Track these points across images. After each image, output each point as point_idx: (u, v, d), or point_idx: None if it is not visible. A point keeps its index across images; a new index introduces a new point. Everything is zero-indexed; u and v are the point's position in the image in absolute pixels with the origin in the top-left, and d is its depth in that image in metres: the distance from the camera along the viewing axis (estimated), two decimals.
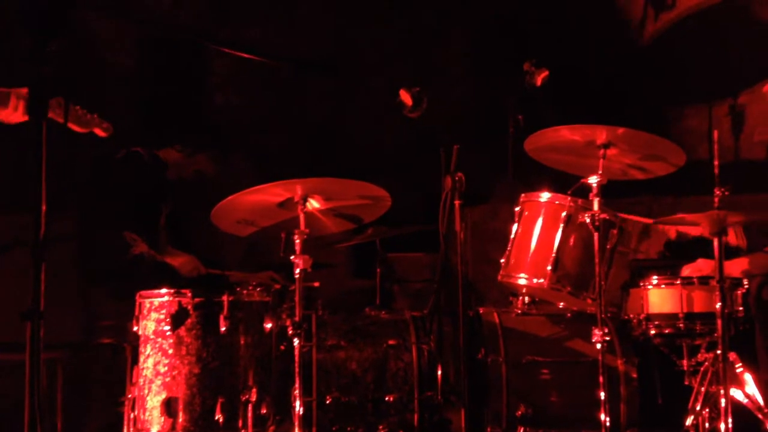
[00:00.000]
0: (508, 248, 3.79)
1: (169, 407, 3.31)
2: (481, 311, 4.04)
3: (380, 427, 3.78)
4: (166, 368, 3.36)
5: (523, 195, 3.83)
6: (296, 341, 3.34)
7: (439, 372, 3.87)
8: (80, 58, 5.02)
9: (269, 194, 3.45)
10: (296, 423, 3.30)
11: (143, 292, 3.48)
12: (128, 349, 3.64)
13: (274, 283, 4.07)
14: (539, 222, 3.72)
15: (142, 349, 3.44)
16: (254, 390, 3.37)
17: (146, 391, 3.39)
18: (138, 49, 5.56)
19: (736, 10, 5.99)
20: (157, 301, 3.42)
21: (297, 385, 3.32)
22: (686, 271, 3.73)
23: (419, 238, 4.65)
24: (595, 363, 3.39)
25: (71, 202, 4.48)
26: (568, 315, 3.97)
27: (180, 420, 3.32)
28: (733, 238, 3.83)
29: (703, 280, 3.56)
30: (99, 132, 3.50)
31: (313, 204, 3.49)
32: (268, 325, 3.51)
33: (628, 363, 3.80)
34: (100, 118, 3.48)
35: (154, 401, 3.36)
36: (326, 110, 6.11)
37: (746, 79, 3.99)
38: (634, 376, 3.80)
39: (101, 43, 5.39)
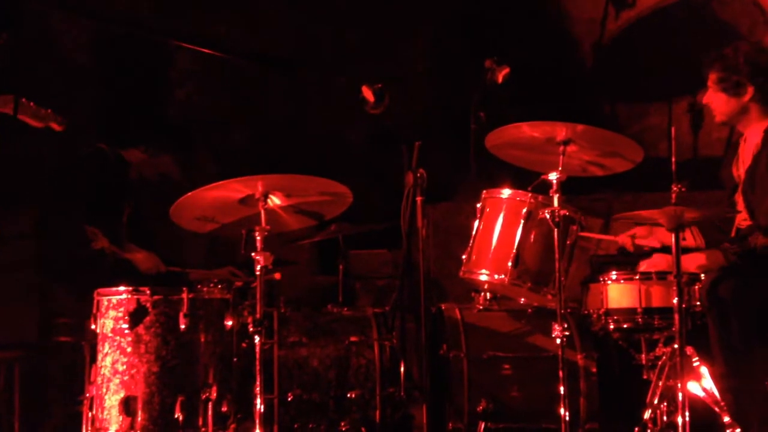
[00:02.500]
0: (470, 244, 3.81)
1: (127, 406, 3.28)
2: (443, 307, 4.06)
3: (342, 423, 3.78)
4: (124, 366, 3.33)
5: (484, 191, 3.84)
6: (257, 338, 3.33)
7: (402, 368, 3.88)
8: (40, 55, 4.96)
9: (230, 190, 3.43)
10: (257, 421, 3.28)
11: (101, 290, 3.44)
12: (86, 347, 3.61)
13: (235, 279, 4.05)
14: (500, 218, 3.73)
15: (100, 347, 3.41)
16: (214, 388, 3.35)
17: (104, 390, 3.36)
18: (98, 45, 5.49)
19: (694, 9, 6.07)
20: (115, 298, 3.39)
21: (258, 383, 3.30)
22: (643, 266, 3.77)
23: (382, 235, 4.66)
24: (555, 358, 3.41)
25: (30, 200, 4.43)
26: (529, 311, 4.00)
27: (139, 419, 3.29)
28: (691, 239, 3.87)
29: (661, 276, 3.59)
30: (55, 126, 3.54)
31: (274, 200, 3.48)
32: (229, 323, 3.49)
33: (588, 358, 3.84)
34: (54, 113, 3.50)
35: (112, 400, 3.33)
36: (288, 107, 6.09)
37: (705, 77, 4.03)
38: (594, 370, 3.84)
39: (61, 39, 5.32)
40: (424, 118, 5.74)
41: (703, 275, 3.59)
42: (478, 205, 3.83)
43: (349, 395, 3.82)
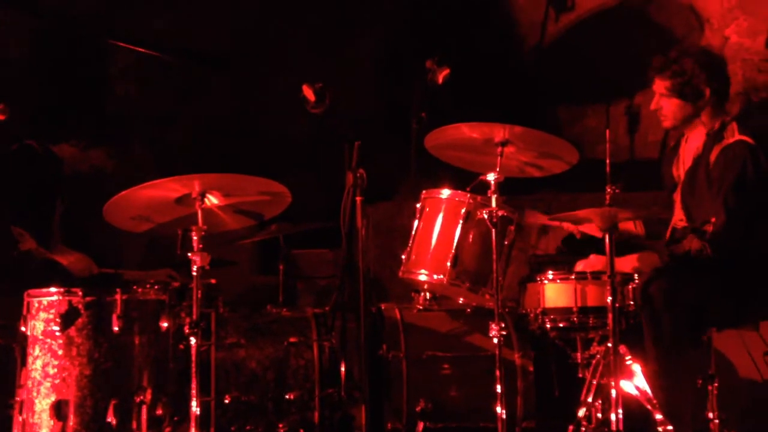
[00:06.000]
0: (409, 244, 3.81)
1: (58, 410, 3.21)
2: (383, 307, 4.06)
3: (280, 425, 3.75)
4: (55, 370, 3.26)
5: (424, 191, 3.85)
6: (193, 340, 3.28)
7: (343, 369, 3.86)
8: None
9: (166, 190, 3.37)
10: (193, 423, 3.24)
11: (31, 291, 3.37)
12: (17, 349, 3.52)
13: (172, 281, 3.99)
14: (439, 218, 3.75)
15: (30, 349, 3.33)
16: (149, 391, 3.29)
17: (35, 394, 3.28)
18: (33, 39, 5.36)
19: (632, 13, 6.18)
20: (46, 300, 3.31)
21: (194, 385, 3.26)
22: (579, 266, 3.82)
23: (323, 234, 4.64)
24: (493, 357, 3.43)
25: None
26: (468, 310, 4.02)
27: (70, 423, 3.23)
28: (632, 227, 3.94)
29: (596, 275, 3.64)
30: None
31: (212, 200, 3.44)
32: (165, 324, 3.43)
33: (525, 357, 3.88)
34: None
35: (43, 404, 3.26)
36: (230, 105, 6.03)
37: (642, 80, 4.10)
38: (531, 369, 3.88)
39: None
40: (365, 117, 5.74)
41: (636, 276, 3.65)
42: (418, 205, 3.84)
43: (287, 396, 3.79)
